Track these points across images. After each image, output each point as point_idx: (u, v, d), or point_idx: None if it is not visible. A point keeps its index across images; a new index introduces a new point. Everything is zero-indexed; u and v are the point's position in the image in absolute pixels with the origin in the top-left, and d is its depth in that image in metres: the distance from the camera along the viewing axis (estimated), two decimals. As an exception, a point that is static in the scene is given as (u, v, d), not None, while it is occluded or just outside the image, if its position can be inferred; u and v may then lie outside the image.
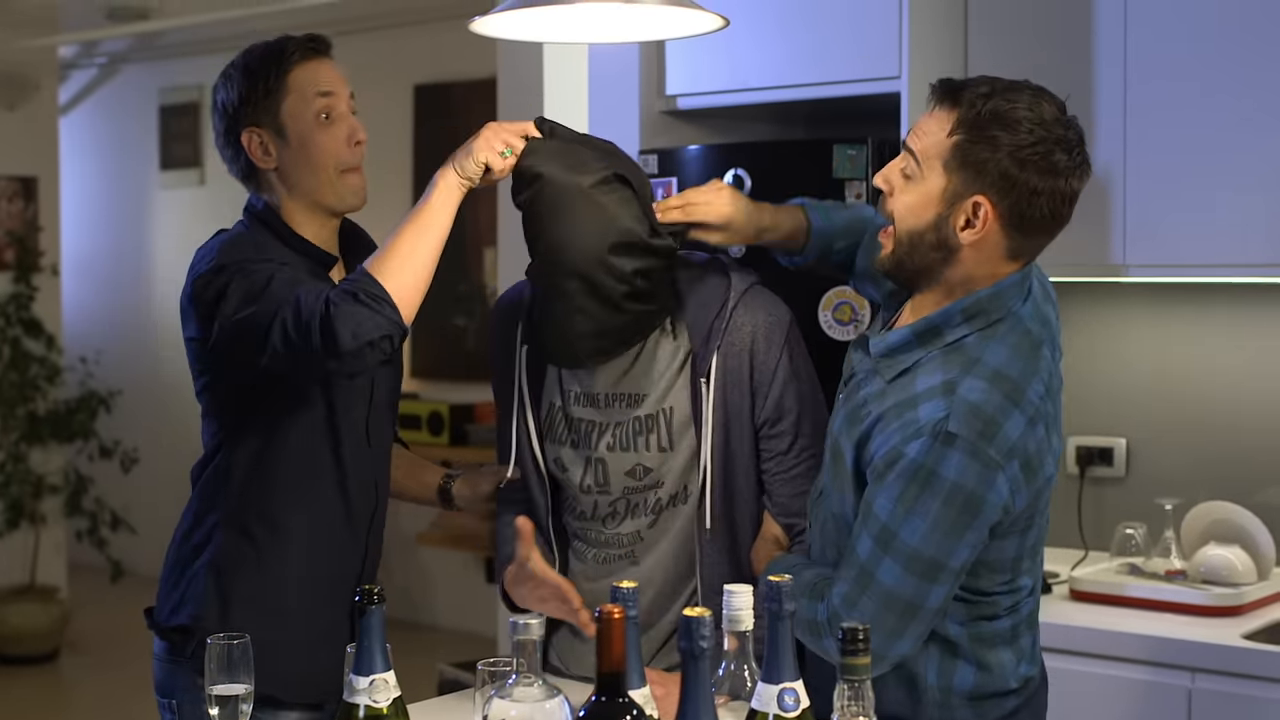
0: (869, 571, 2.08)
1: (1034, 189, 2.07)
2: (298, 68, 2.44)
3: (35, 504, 6.96)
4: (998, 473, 2.04)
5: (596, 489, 2.47)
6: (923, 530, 2.04)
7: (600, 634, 1.59)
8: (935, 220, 2.11)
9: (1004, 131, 2.07)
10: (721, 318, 2.39)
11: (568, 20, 2.48)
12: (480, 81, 6.47)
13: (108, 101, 8.85)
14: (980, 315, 2.12)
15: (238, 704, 1.92)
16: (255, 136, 2.44)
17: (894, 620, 2.08)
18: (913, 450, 2.04)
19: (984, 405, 2.04)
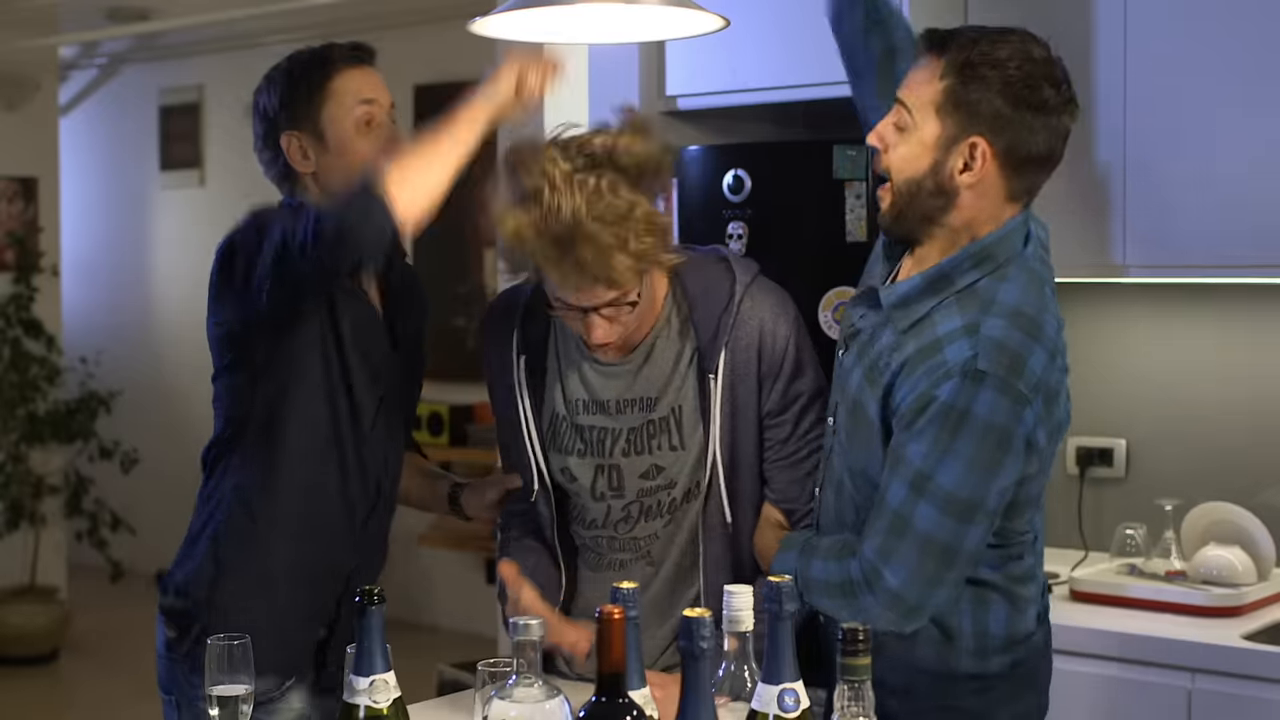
0: (904, 518, 2.09)
1: (1028, 125, 2.11)
2: (340, 75, 2.47)
3: (35, 504, 6.96)
4: (1026, 408, 2.07)
5: (610, 494, 2.46)
6: (959, 471, 2.06)
7: (600, 634, 1.59)
8: (932, 166, 2.13)
9: (994, 70, 2.10)
10: (729, 312, 2.39)
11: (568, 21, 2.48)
12: (480, 82, 6.47)
13: (108, 102, 8.85)
14: (988, 260, 2.14)
15: (238, 704, 1.92)
16: (295, 140, 2.47)
17: (933, 566, 2.09)
18: (944, 392, 2.06)
19: (1008, 341, 2.07)
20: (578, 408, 2.46)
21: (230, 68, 8.05)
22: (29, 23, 7.14)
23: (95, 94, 8.90)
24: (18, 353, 6.94)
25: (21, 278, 7.03)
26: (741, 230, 3.43)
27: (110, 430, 7.31)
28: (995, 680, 2.25)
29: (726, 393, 2.38)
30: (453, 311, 7.20)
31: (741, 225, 3.43)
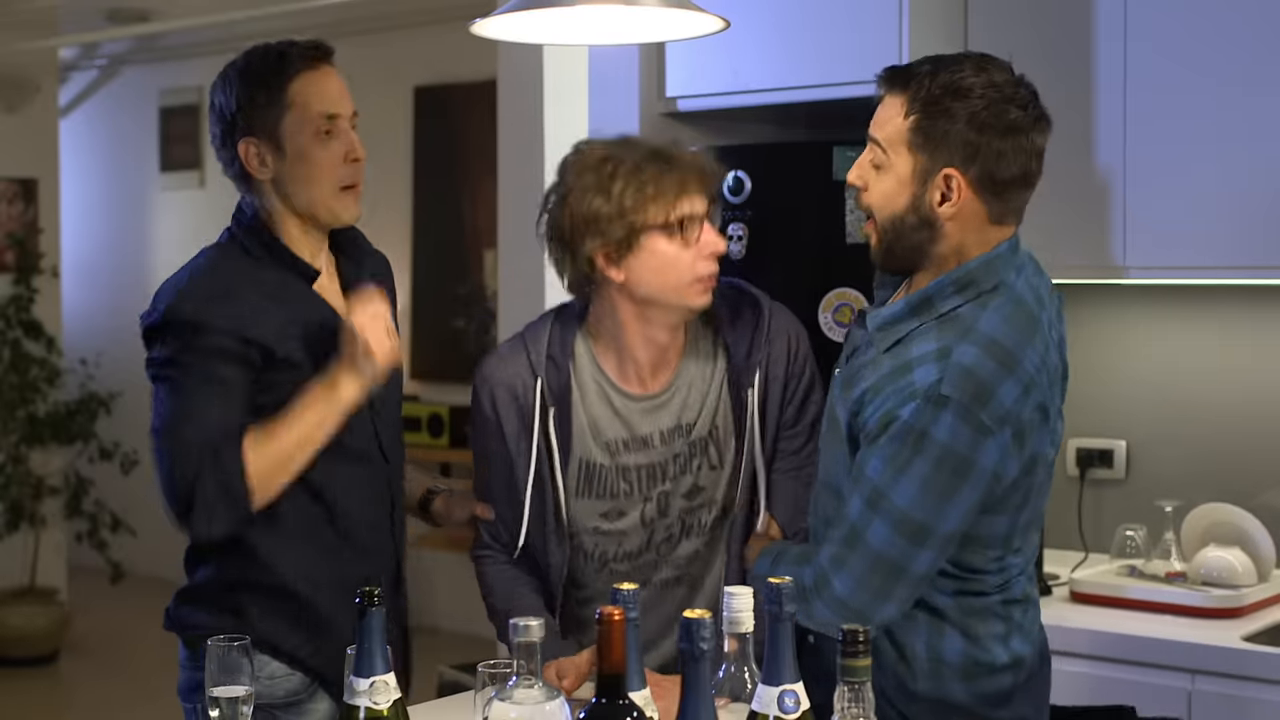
0: (858, 532, 2.10)
1: (998, 150, 2.12)
2: (299, 78, 2.39)
3: (35, 506, 6.96)
4: (989, 438, 2.06)
5: (658, 518, 2.47)
6: (912, 492, 2.06)
7: (601, 636, 1.59)
8: (912, 201, 2.15)
9: (956, 101, 2.11)
10: (760, 331, 2.44)
11: (568, 22, 2.48)
12: (480, 83, 6.47)
13: (108, 103, 8.85)
14: (971, 285, 2.15)
15: (238, 705, 1.92)
16: (252, 147, 2.41)
17: (879, 581, 2.10)
18: (906, 412, 2.07)
19: (977, 370, 2.07)
20: (619, 448, 2.46)
21: (230, 69, 8.06)
22: (29, 24, 7.14)
23: (95, 95, 8.90)
24: (18, 354, 6.94)
25: (21, 279, 7.03)
26: (741, 231, 3.43)
27: (110, 431, 7.30)
28: (956, 709, 2.23)
29: (760, 408, 2.42)
30: (452, 313, 7.20)
31: (742, 227, 3.43)
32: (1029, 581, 2.31)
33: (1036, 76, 3.36)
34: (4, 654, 6.78)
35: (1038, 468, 2.16)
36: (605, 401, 2.46)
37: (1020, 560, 2.24)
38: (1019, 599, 2.26)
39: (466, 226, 7.06)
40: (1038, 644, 2.33)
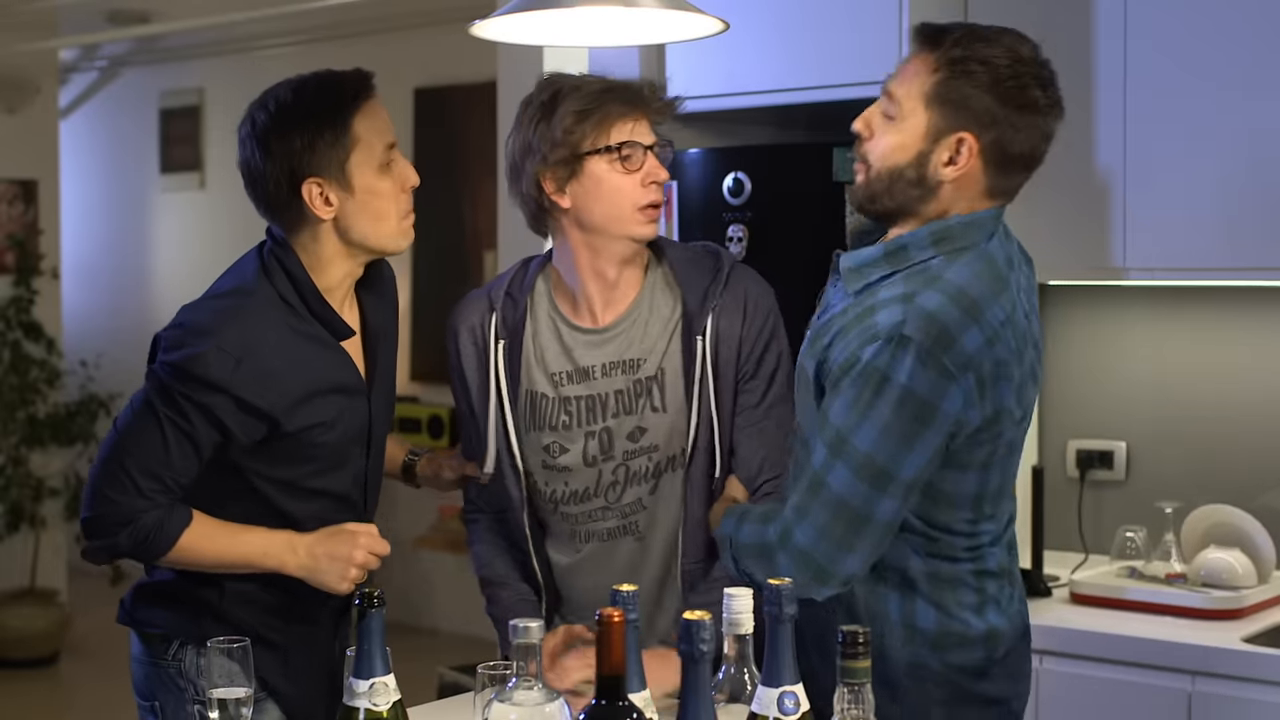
0: (820, 479, 2.11)
1: (1015, 124, 2.14)
2: (360, 114, 2.34)
3: (35, 507, 6.96)
4: (951, 383, 2.06)
5: (601, 458, 2.49)
6: (874, 435, 2.07)
7: (600, 637, 1.59)
8: (917, 157, 2.16)
9: (984, 67, 2.13)
10: (718, 280, 2.46)
11: (568, 23, 2.48)
12: (480, 85, 6.47)
13: (108, 105, 8.85)
14: (947, 240, 2.17)
15: (238, 707, 1.92)
16: (316, 187, 2.33)
17: (842, 529, 2.09)
18: (867, 354, 2.08)
19: (940, 314, 2.08)
20: (562, 380, 2.49)
21: (230, 70, 8.06)
22: (29, 25, 7.15)
23: (95, 97, 8.90)
24: (18, 355, 6.94)
25: (22, 280, 7.03)
26: (741, 233, 3.43)
27: (110, 433, 7.31)
28: (933, 676, 2.23)
29: (711, 356, 2.43)
30: (453, 314, 7.19)
31: (741, 228, 3.43)
32: (1007, 557, 2.30)
33: (1036, 78, 3.34)
34: (4, 655, 6.78)
35: (1002, 422, 2.16)
36: (554, 333, 2.50)
37: (992, 528, 2.24)
38: (993, 571, 2.26)
39: (466, 228, 7.06)
40: (1016, 622, 2.32)
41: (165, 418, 2.30)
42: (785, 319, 2.52)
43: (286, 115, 2.33)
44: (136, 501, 2.30)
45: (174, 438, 2.30)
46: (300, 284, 2.37)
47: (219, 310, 2.36)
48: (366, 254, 2.42)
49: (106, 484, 2.32)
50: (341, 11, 6.78)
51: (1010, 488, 2.28)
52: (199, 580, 2.42)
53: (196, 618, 2.42)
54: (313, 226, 2.37)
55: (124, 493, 2.30)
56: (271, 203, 2.36)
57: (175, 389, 2.30)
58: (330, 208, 2.34)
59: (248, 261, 2.43)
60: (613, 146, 2.41)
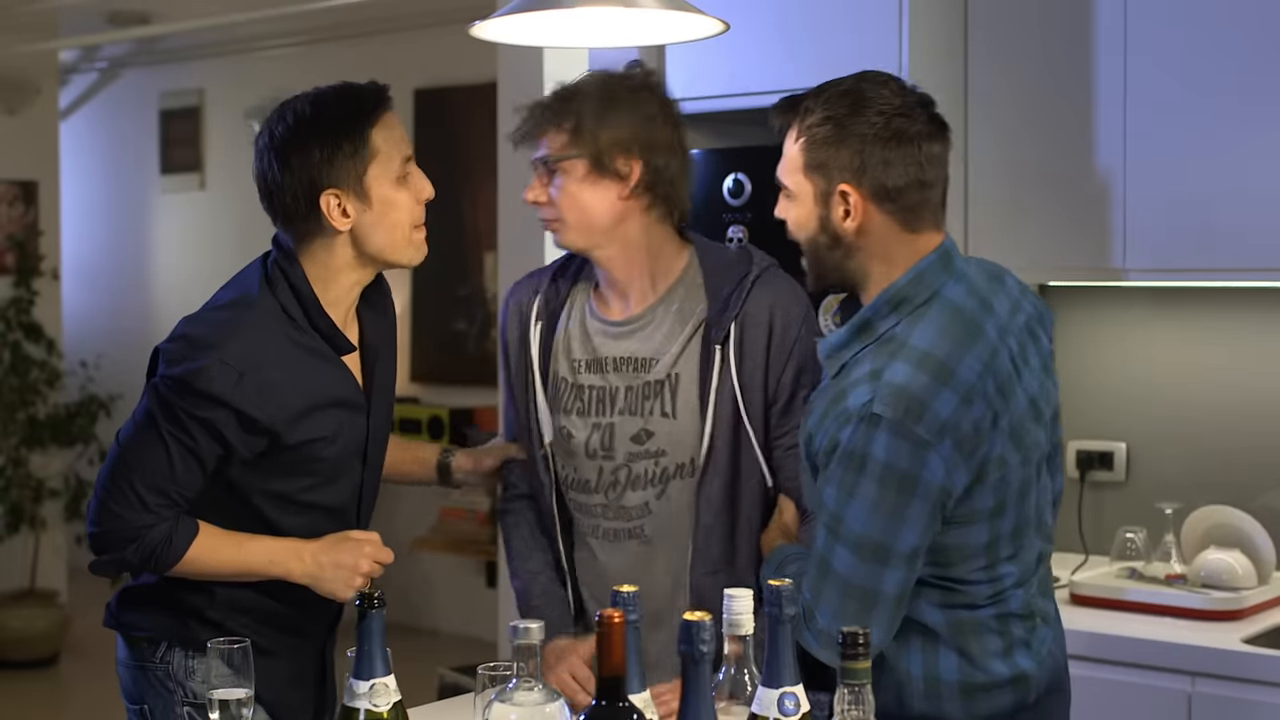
0: (826, 561, 2.13)
1: (884, 159, 2.17)
2: (378, 126, 2.36)
3: (35, 508, 6.96)
4: (929, 451, 2.07)
5: (602, 454, 2.50)
6: (864, 514, 2.08)
7: (600, 638, 1.59)
8: (820, 223, 2.22)
9: (841, 122, 2.18)
10: (741, 288, 2.45)
11: (568, 24, 2.48)
12: (480, 86, 6.47)
13: (108, 106, 8.85)
14: (905, 302, 2.18)
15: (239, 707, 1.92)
16: (335, 199, 2.33)
17: (855, 608, 2.10)
18: (844, 436, 2.10)
19: (909, 386, 2.08)
20: (579, 368, 2.53)
21: (230, 71, 8.06)
22: (29, 27, 7.15)
23: (95, 98, 8.91)
24: (18, 356, 6.94)
25: (22, 281, 7.03)
26: (742, 234, 3.43)
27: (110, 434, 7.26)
28: None
29: (733, 367, 2.42)
30: (453, 315, 7.20)
31: (741, 229, 3.43)
32: (1038, 597, 2.29)
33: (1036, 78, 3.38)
34: (4, 656, 6.78)
35: (991, 471, 2.14)
36: (581, 322, 2.55)
37: (1015, 569, 2.22)
38: (1019, 613, 2.24)
39: (467, 229, 7.06)
40: (1049, 664, 2.30)
41: (169, 434, 2.30)
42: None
43: (305, 127, 2.33)
44: (143, 516, 2.30)
45: (178, 453, 2.30)
46: (303, 297, 2.37)
47: (220, 323, 2.34)
48: (378, 266, 2.43)
49: (112, 500, 2.32)
50: (341, 12, 6.78)
51: (1033, 527, 2.25)
52: (186, 584, 2.41)
53: (183, 620, 2.41)
54: (327, 238, 2.36)
55: (130, 508, 2.30)
56: (288, 214, 2.35)
57: (177, 404, 2.29)
58: (347, 219, 2.34)
59: (251, 272, 2.42)
60: None
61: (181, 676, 2.40)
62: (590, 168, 2.44)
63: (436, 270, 7.25)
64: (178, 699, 2.40)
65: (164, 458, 2.30)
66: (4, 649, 6.79)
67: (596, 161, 2.44)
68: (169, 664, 2.41)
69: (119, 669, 2.49)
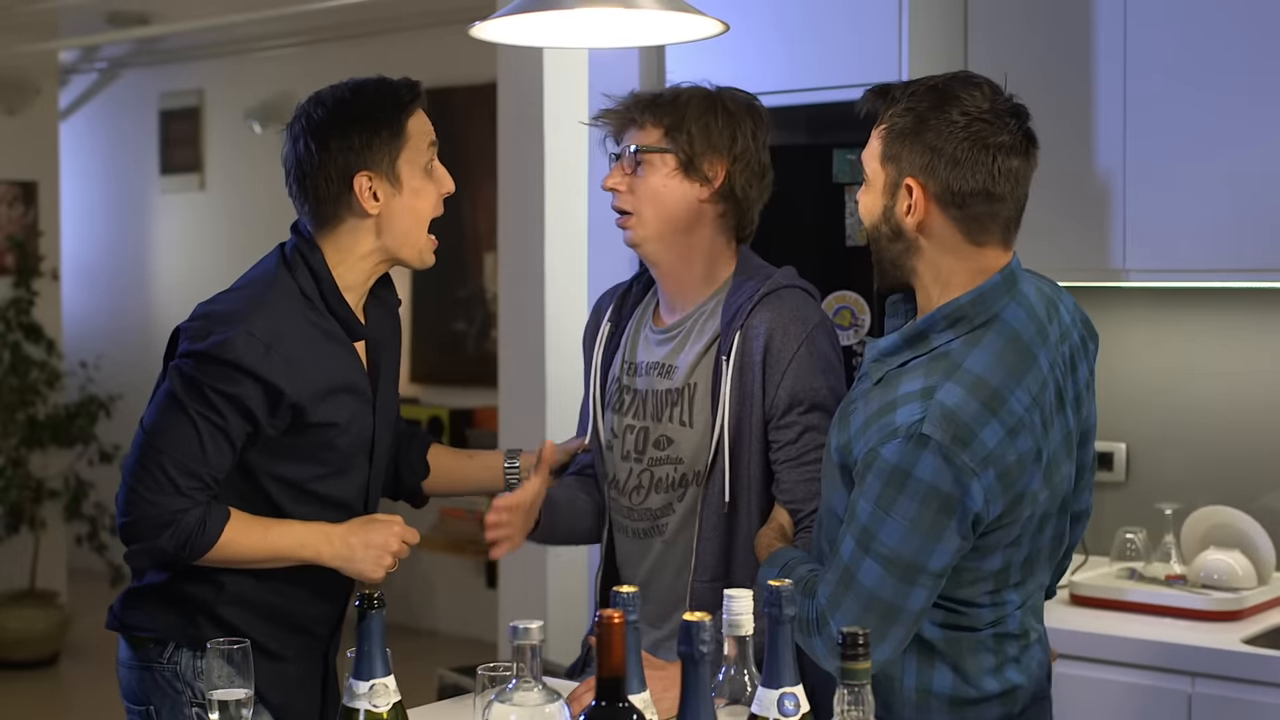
0: (851, 573, 2.11)
1: (954, 160, 2.13)
2: (413, 116, 2.42)
3: (35, 509, 6.96)
4: (972, 480, 2.05)
5: (634, 455, 2.56)
6: (900, 532, 2.06)
7: (600, 638, 1.59)
8: (884, 212, 2.19)
9: (922, 115, 2.15)
10: (749, 301, 2.48)
11: (568, 25, 2.48)
12: (480, 86, 6.48)
13: (108, 106, 8.85)
14: (963, 320, 2.14)
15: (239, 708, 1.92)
16: (368, 181, 2.38)
17: (875, 622, 2.09)
18: (888, 452, 2.07)
19: (960, 411, 2.06)
20: (630, 370, 2.61)
21: (230, 72, 8.06)
22: (29, 27, 7.15)
23: (95, 98, 8.90)
24: (18, 357, 6.94)
25: (21, 282, 7.03)
26: (741, 234, 3.43)
27: (110, 434, 7.30)
28: None
29: (735, 378, 2.45)
30: (453, 316, 7.20)
31: (741, 229, 3.43)
32: (1030, 616, 2.28)
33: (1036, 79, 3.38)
34: (4, 657, 6.78)
35: (1024, 506, 2.14)
36: (638, 328, 2.63)
37: (1019, 596, 2.22)
38: (1014, 634, 2.24)
39: (467, 229, 7.06)
40: (1037, 675, 2.30)
41: (196, 413, 2.31)
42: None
43: (346, 111, 2.40)
44: (176, 500, 2.30)
45: (207, 432, 2.31)
46: (321, 280, 2.41)
47: (244, 298, 2.38)
48: (391, 262, 2.47)
49: (143, 486, 2.31)
50: (341, 13, 6.78)
51: (1045, 555, 2.25)
52: (194, 580, 2.41)
53: (192, 619, 2.41)
54: (354, 221, 2.41)
55: (162, 493, 2.30)
56: (320, 195, 2.40)
57: (203, 382, 2.31)
58: (377, 203, 2.40)
59: (269, 259, 2.46)
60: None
61: (190, 677, 2.39)
62: (679, 165, 2.49)
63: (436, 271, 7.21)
64: (185, 699, 2.39)
65: (194, 438, 2.30)
66: (4, 649, 6.79)
67: (688, 160, 2.48)
68: (176, 664, 2.41)
69: (120, 670, 2.49)
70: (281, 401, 2.32)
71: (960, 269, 2.17)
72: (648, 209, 2.50)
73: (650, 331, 2.59)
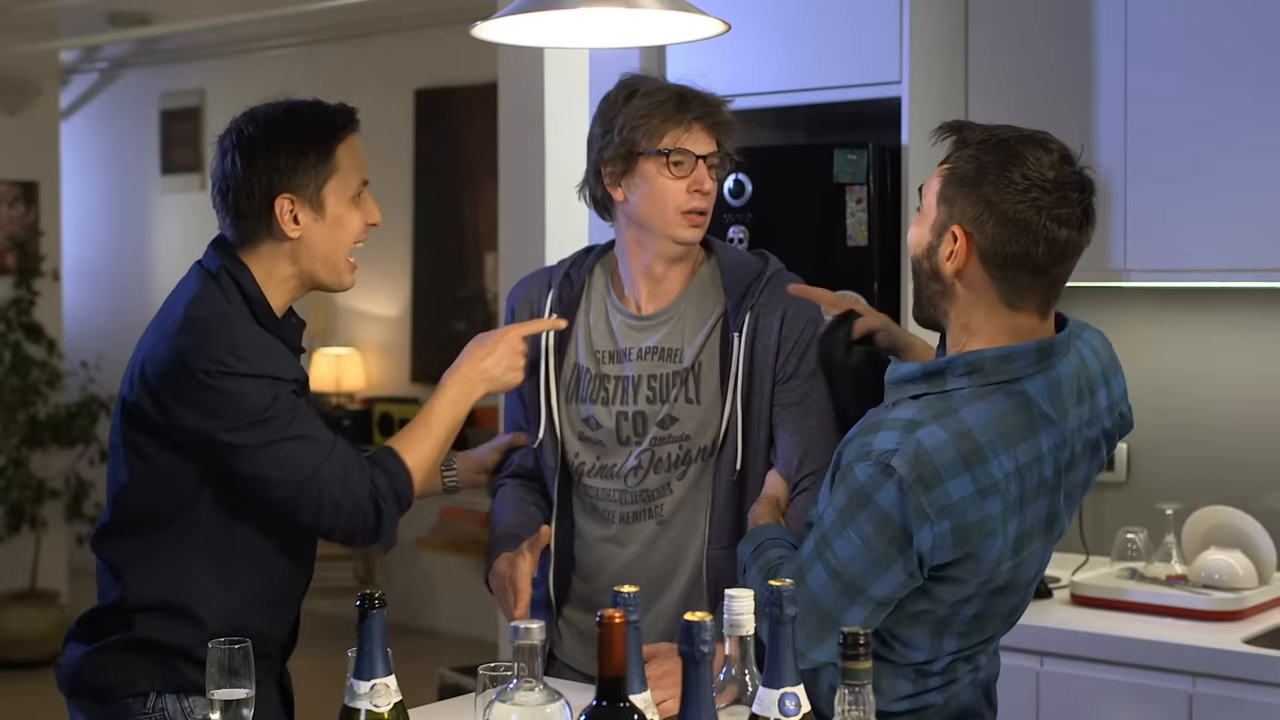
0: (804, 572, 2.13)
1: (1004, 223, 2.07)
2: (344, 144, 2.39)
3: (36, 508, 6.96)
4: (924, 524, 2.03)
5: (635, 439, 2.57)
6: (852, 550, 2.07)
7: (601, 638, 1.59)
8: (927, 249, 2.15)
9: (985, 167, 2.09)
10: (760, 281, 2.56)
11: (569, 25, 2.48)
12: (481, 86, 6.48)
13: (109, 106, 8.86)
14: (980, 372, 2.10)
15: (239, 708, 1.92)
16: (289, 204, 2.36)
17: (814, 624, 2.11)
18: (859, 471, 2.07)
19: (935, 455, 2.03)
20: (602, 359, 2.61)
21: (231, 72, 8.06)
22: (30, 27, 7.15)
23: (96, 98, 8.91)
24: (19, 357, 6.95)
25: (22, 282, 7.03)
26: (742, 234, 3.43)
27: (110, 434, 7.32)
28: None
29: (747, 353, 2.53)
30: (453, 316, 7.20)
31: (742, 229, 3.43)
32: (963, 664, 2.24)
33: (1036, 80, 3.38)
34: (4, 657, 6.78)
35: (980, 568, 2.10)
36: (603, 315, 2.63)
37: (957, 644, 2.19)
38: (938, 672, 2.22)
39: (467, 229, 7.06)
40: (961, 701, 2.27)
41: (283, 430, 2.29)
42: (786, 321, 2.52)
43: (275, 131, 2.38)
44: (359, 485, 2.32)
45: (309, 422, 2.32)
46: (253, 299, 2.38)
47: (208, 319, 2.33)
48: (309, 285, 2.43)
49: (339, 493, 2.31)
50: (342, 13, 6.78)
51: (998, 620, 2.22)
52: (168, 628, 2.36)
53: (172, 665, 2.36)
54: (271, 244, 2.39)
55: (348, 496, 2.31)
56: (240, 211, 2.39)
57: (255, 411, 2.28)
58: (297, 227, 2.37)
59: (189, 280, 2.42)
60: (664, 150, 2.51)
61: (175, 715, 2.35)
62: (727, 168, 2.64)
63: (436, 271, 7.26)
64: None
65: (311, 445, 2.31)
66: (4, 649, 6.79)
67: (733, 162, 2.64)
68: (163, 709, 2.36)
69: None
70: (301, 385, 2.36)
71: (989, 327, 2.13)
72: (710, 210, 2.60)
73: (628, 319, 2.60)
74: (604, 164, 2.55)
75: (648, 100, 2.51)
